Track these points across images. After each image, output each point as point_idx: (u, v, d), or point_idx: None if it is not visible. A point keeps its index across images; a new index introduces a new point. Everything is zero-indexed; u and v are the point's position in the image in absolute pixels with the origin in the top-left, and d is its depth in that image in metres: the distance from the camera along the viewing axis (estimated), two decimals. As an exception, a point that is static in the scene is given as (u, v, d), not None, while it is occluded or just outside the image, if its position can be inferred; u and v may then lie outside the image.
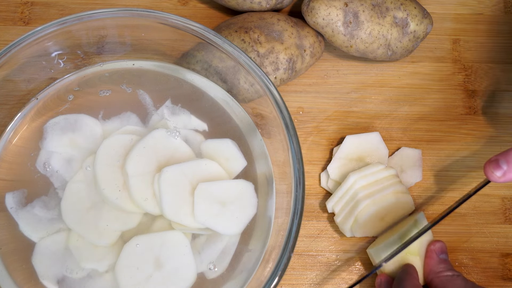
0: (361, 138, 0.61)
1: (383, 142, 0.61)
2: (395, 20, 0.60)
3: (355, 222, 0.57)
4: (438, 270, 0.54)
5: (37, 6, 0.66)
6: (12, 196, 0.53)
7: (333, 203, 0.59)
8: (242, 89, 0.58)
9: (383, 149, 0.61)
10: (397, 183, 0.58)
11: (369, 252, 0.58)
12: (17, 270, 0.52)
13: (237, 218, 0.53)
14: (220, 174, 0.55)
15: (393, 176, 0.59)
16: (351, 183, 0.58)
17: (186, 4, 0.67)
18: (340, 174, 0.60)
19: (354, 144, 0.61)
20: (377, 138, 0.61)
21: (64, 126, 0.55)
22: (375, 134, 0.61)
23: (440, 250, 0.56)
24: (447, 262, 0.55)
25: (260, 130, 0.57)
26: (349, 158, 0.61)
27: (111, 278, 0.52)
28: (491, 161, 0.51)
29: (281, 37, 0.60)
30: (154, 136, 0.55)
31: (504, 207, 0.62)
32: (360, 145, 0.61)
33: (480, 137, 0.64)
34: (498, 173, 0.50)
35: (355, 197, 0.57)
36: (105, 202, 0.53)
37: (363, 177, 0.58)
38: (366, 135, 0.61)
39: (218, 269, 0.53)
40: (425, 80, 0.66)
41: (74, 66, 0.58)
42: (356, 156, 0.61)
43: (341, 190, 0.58)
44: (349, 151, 0.61)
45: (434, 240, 0.57)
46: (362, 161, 0.61)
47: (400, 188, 0.58)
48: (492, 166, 0.51)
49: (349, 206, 0.58)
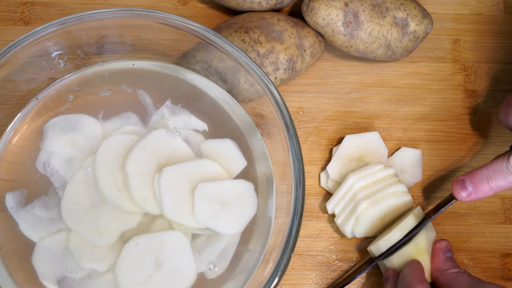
0: (361, 137, 0.61)
1: (382, 142, 0.61)
2: (395, 20, 0.60)
3: (356, 223, 0.57)
4: (444, 268, 0.54)
5: (37, 6, 0.66)
6: (12, 196, 0.53)
7: (333, 205, 0.59)
8: (242, 89, 0.58)
9: (382, 149, 0.61)
10: (397, 182, 0.58)
11: (370, 250, 0.58)
12: (17, 270, 0.52)
13: (237, 218, 0.53)
14: (220, 174, 0.55)
15: (392, 176, 0.59)
16: (351, 184, 0.58)
17: (186, 4, 0.67)
18: (340, 174, 0.60)
19: (354, 144, 0.61)
20: (376, 138, 0.61)
21: (64, 126, 0.55)
22: (375, 133, 0.61)
23: (445, 248, 0.56)
24: (452, 260, 0.55)
25: (260, 130, 0.57)
26: (348, 158, 0.61)
27: (111, 278, 0.52)
28: (458, 181, 0.53)
29: (281, 37, 0.60)
30: (154, 136, 0.55)
31: (504, 207, 0.62)
32: (359, 144, 0.61)
33: (480, 137, 0.64)
34: (464, 193, 0.53)
35: (354, 197, 0.57)
36: (105, 202, 0.53)
37: (362, 177, 0.58)
38: (365, 134, 0.61)
39: (218, 269, 0.53)
40: (425, 80, 0.66)
41: (74, 66, 0.58)
42: (355, 156, 0.61)
43: (340, 191, 0.58)
44: (348, 151, 0.61)
45: (440, 239, 0.57)
46: (361, 161, 0.61)
47: (400, 188, 0.58)
48: (459, 186, 0.53)
49: (349, 207, 0.58)
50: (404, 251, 0.56)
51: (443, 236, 0.61)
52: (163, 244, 0.52)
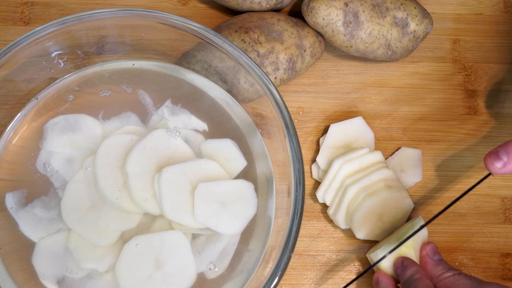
0: (345, 124, 0.62)
1: (367, 126, 0.62)
2: (395, 20, 0.60)
3: (348, 212, 0.57)
4: (438, 274, 0.54)
5: (37, 6, 0.66)
6: (12, 196, 0.53)
7: (323, 192, 0.59)
8: (242, 89, 0.58)
9: (368, 133, 0.62)
10: (384, 167, 0.58)
11: (369, 257, 0.58)
12: (17, 270, 0.52)
13: (237, 218, 0.53)
14: (220, 174, 0.55)
15: (379, 162, 0.59)
16: (337, 169, 0.58)
17: (186, 4, 0.67)
18: (329, 163, 0.60)
19: (339, 132, 0.61)
20: (361, 123, 0.62)
21: (64, 126, 0.55)
22: (358, 118, 0.62)
23: (432, 252, 0.56)
24: (443, 263, 0.55)
25: (260, 130, 0.57)
26: (336, 146, 0.61)
27: (111, 278, 0.52)
28: (491, 153, 0.52)
29: (281, 37, 0.60)
30: (154, 136, 0.55)
31: (504, 207, 0.62)
32: (345, 131, 0.61)
33: (480, 137, 0.64)
34: (499, 164, 0.51)
35: (343, 184, 0.58)
36: (105, 202, 0.53)
37: (348, 161, 0.58)
38: (349, 121, 0.62)
39: (218, 269, 0.53)
40: (425, 80, 0.66)
41: (74, 66, 0.58)
42: (342, 144, 0.61)
43: (328, 178, 0.59)
44: (335, 139, 0.61)
45: (424, 244, 0.56)
46: (349, 147, 0.61)
47: (387, 173, 0.58)
48: (493, 157, 0.51)
49: (339, 195, 0.58)
50: None
51: (443, 236, 0.61)
52: (163, 244, 0.52)
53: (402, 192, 0.58)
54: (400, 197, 0.58)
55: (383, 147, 0.63)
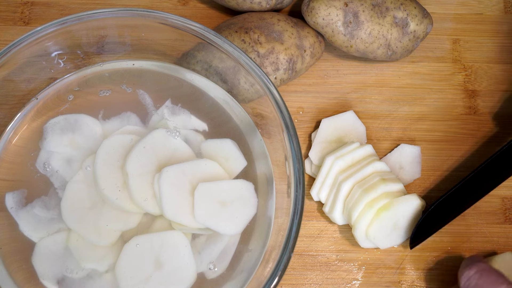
0: (337, 119, 0.62)
1: (359, 120, 0.62)
2: (395, 20, 0.60)
3: (346, 208, 0.57)
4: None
5: (37, 6, 0.66)
6: (12, 196, 0.53)
7: (317, 190, 0.59)
8: (242, 89, 0.58)
9: (359, 127, 0.62)
10: (375, 160, 0.59)
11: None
12: (17, 270, 0.52)
13: (237, 218, 0.53)
14: (220, 174, 0.55)
15: (370, 155, 0.59)
16: (329, 166, 0.58)
17: (186, 4, 0.67)
18: (322, 158, 0.60)
19: (331, 126, 0.61)
20: (352, 117, 0.62)
21: (64, 126, 0.55)
22: (350, 112, 0.62)
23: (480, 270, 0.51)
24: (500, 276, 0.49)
25: (260, 130, 0.57)
26: (328, 141, 0.61)
27: (111, 278, 0.52)
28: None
29: (281, 37, 0.60)
30: (154, 136, 0.55)
31: (504, 207, 0.62)
32: (336, 126, 0.61)
33: (480, 137, 0.64)
34: None
35: (336, 181, 0.58)
36: (105, 202, 0.53)
37: (339, 157, 0.58)
38: (341, 115, 0.62)
39: (218, 269, 0.53)
40: (425, 80, 0.66)
41: (74, 66, 0.58)
42: (334, 138, 0.61)
43: (321, 175, 0.59)
44: (326, 134, 0.61)
45: (466, 260, 0.53)
46: (341, 142, 0.61)
47: (379, 165, 0.58)
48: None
49: (333, 192, 0.58)
50: None
51: (443, 236, 0.61)
52: (163, 244, 0.52)
53: (397, 184, 0.58)
54: (394, 188, 0.58)
55: (383, 147, 0.63)
